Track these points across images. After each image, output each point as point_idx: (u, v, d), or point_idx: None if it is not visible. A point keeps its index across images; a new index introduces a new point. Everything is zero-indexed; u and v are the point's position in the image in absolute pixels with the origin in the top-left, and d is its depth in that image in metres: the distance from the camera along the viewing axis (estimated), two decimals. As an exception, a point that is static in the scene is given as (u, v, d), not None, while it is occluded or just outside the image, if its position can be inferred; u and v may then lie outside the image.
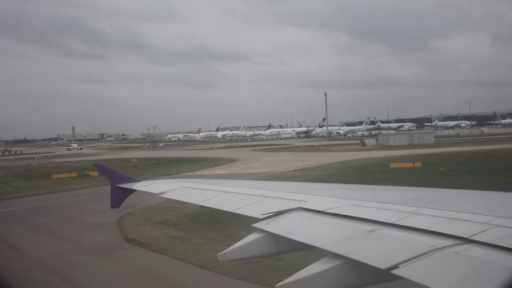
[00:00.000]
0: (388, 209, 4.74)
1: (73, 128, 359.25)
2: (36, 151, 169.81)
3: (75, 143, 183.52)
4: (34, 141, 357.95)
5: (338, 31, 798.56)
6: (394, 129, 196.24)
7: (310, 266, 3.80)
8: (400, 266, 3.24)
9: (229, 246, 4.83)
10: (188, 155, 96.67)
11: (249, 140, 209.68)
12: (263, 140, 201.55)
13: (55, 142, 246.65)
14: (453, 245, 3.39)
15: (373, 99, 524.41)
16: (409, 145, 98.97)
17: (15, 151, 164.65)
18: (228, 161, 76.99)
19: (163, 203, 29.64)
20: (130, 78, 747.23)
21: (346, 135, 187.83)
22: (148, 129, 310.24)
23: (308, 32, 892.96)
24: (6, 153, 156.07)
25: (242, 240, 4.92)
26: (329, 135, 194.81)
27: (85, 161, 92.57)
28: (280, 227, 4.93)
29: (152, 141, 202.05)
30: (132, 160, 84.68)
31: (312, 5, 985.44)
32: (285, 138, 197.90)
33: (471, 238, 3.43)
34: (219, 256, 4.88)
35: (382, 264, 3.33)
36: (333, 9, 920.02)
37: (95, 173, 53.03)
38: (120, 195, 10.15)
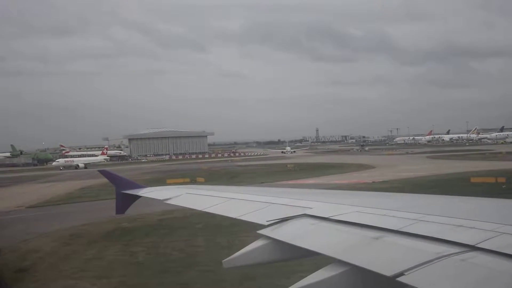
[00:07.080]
0: (393, 216, 4.74)
1: (317, 130, 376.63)
2: (252, 153, 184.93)
3: (288, 146, 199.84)
4: (282, 142, 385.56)
5: None
6: None
7: (315, 272, 3.86)
8: (406, 273, 3.24)
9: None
10: (349, 161, 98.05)
11: (467, 144, 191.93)
12: (487, 144, 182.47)
13: (300, 144, 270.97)
14: (458, 252, 3.38)
15: None
16: None
17: (239, 153, 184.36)
18: (364, 168, 79.06)
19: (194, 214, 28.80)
20: (378, 80, 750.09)
21: None
22: (391, 131, 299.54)
23: None
24: (232, 154, 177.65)
25: (247, 246, 5.00)
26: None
27: (265, 165, 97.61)
28: (285, 233, 5.00)
29: (361, 145, 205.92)
30: (288, 166, 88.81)
31: None
32: (511, 143, 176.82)
33: (477, 245, 3.41)
34: (224, 262, 4.91)
35: (388, 271, 3.34)
36: None
37: (202, 179, 59.66)
38: (125, 201, 10.26)
